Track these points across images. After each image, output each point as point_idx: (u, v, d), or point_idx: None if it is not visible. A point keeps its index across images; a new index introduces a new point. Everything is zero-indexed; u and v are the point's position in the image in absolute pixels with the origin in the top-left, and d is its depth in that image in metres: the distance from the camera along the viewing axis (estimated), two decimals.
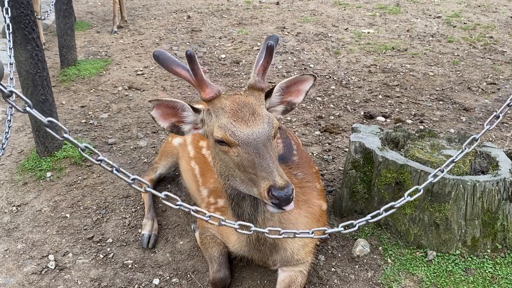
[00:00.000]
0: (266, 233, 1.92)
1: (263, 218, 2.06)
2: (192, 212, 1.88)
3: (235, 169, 1.84)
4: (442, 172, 2.03)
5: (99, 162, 1.68)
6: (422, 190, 2.01)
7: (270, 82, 5.25)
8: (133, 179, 1.77)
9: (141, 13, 8.58)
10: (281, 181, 1.68)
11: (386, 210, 1.97)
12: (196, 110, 1.97)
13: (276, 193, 1.66)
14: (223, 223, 1.89)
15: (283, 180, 1.69)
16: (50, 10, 4.87)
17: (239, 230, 1.91)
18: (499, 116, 1.97)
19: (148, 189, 1.81)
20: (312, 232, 1.96)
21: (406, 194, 1.99)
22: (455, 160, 2.04)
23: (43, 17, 5.29)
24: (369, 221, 1.97)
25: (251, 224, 1.91)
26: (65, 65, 5.44)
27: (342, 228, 1.97)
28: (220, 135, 1.81)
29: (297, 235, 1.96)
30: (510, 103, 1.92)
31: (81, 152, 1.63)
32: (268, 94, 2.01)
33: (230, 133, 1.79)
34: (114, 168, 1.71)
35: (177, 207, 1.83)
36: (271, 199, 1.67)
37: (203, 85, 1.86)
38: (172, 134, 3.20)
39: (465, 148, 2.04)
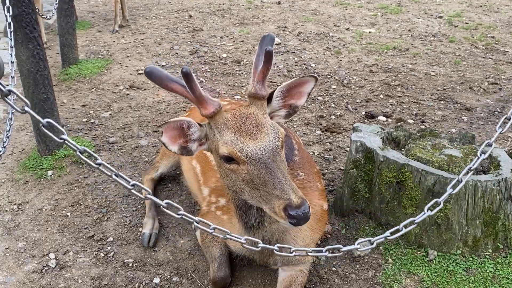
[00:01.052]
0: (276, 250, 1.92)
1: (269, 222, 2.07)
2: (195, 224, 1.84)
3: (244, 186, 1.79)
4: (461, 182, 1.98)
5: (97, 166, 1.64)
6: (442, 203, 1.96)
7: (271, 82, 5.25)
8: (133, 185, 1.74)
9: (143, 13, 8.58)
10: (296, 199, 1.64)
11: (405, 226, 1.92)
12: (201, 125, 1.90)
13: (293, 213, 1.61)
14: (228, 236, 1.87)
15: (298, 198, 1.64)
16: (54, 9, 4.85)
17: (246, 246, 1.90)
18: (510, 118, 1.93)
19: (148, 196, 1.77)
20: (326, 250, 1.94)
21: (426, 208, 1.95)
22: (472, 168, 2.00)
23: (48, 17, 5.26)
24: (388, 237, 1.91)
25: (259, 240, 1.90)
26: (67, 64, 5.45)
27: (359, 246, 1.93)
28: (227, 152, 1.74)
29: (309, 254, 1.95)
30: None
31: (80, 155, 1.61)
32: (268, 100, 1.93)
33: (238, 149, 1.72)
34: (113, 173, 1.67)
35: (179, 216, 1.79)
36: (288, 218, 1.63)
37: (202, 101, 1.78)
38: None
39: (480, 154, 1.98)
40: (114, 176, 1.66)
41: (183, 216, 1.78)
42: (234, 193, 1.92)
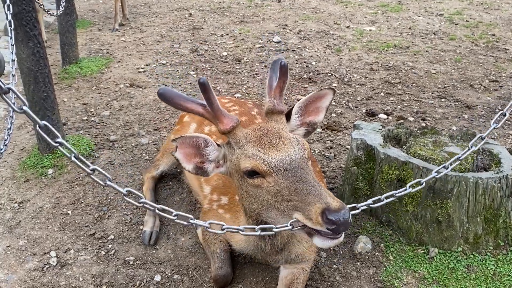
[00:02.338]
0: (272, 234, 1.77)
1: (282, 234, 2.04)
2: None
3: (271, 201, 1.66)
4: (447, 168, 2.01)
5: (91, 172, 1.59)
6: (424, 184, 1.98)
7: None
8: (128, 191, 1.68)
9: (143, 11, 8.57)
10: (335, 202, 1.50)
11: (386, 198, 1.92)
12: (218, 145, 1.83)
13: (333, 217, 1.45)
14: (225, 227, 1.77)
15: (337, 201, 1.50)
16: (62, 7, 4.82)
17: (244, 233, 1.79)
18: (505, 114, 1.95)
19: (142, 200, 1.69)
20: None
21: (408, 185, 1.97)
22: (460, 158, 2.02)
23: (53, 13, 5.14)
24: (370, 205, 1.89)
25: (255, 227, 1.79)
26: (67, 62, 5.45)
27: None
28: (250, 165, 1.65)
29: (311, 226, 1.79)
30: None
31: (75, 160, 1.58)
32: (286, 118, 1.88)
33: (262, 161, 1.64)
34: (107, 179, 1.62)
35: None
36: (326, 224, 1.47)
37: (220, 115, 1.71)
38: (176, 131, 3.20)
39: (471, 146, 2.01)
40: (108, 182, 1.60)
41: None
42: (258, 215, 1.80)
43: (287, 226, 1.63)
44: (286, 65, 1.76)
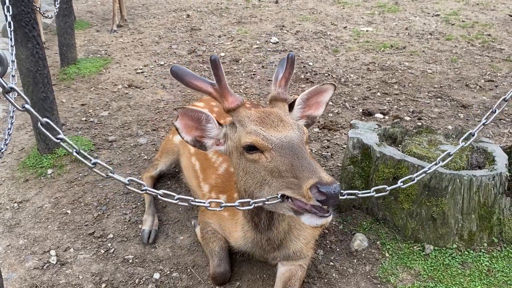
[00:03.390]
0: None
1: (277, 226, 2.11)
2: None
3: (267, 177, 1.73)
4: (437, 164, 2.06)
5: (93, 166, 1.65)
6: (415, 179, 2.04)
7: (269, 80, 5.28)
8: (130, 180, 1.73)
9: (141, 12, 8.60)
10: (327, 177, 1.57)
11: (376, 192, 1.99)
12: (220, 124, 1.90)
13: (324, 189, 1.52)
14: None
15: (329, 177, 1.57)
16: (57, 9, 4.85)
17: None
18: (495, 111, 2.00)
19: (144, 188, 1.76)
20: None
21: (399, 181, 2.03)
22: (451, 154, 2.07)
23: (49, 15, 5.21)
24: (358, 195, 1.97)
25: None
26: (65, 63, 5.47)
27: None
28: (250, 140, 1.73)
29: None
30: (506, 97, 1.96)
31: (76, 155, 1.63)
32: (289, 109, 1.97)
33: (262, 137, 1.72)
34: (109, 171, 1.68)
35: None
36: (315, 195, 1.54)
37: (226, 94, 1.80)
38: (174, 131, 3.24)
39: (461, 142, 2.07)
40: (110, 174, 1.66)
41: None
42: (251, 195, 1.85)
43: (278, 198, 1.70)
44: (294, 57, 1.87)
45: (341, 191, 1.92)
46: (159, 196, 1.78)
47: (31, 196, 3.25)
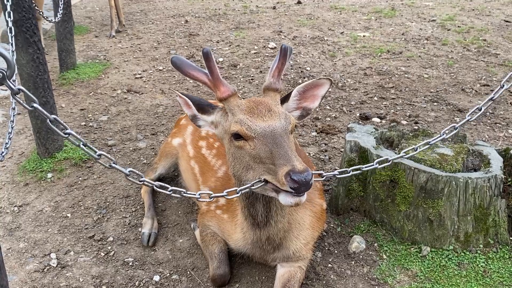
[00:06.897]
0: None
1: (275, 220, 2.14)
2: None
3: (250, 163, 1.84)
4: (416, 150, 2.16)
5: (98, 157, 1.73)
6: (391, 161, 2.14)
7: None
8: (130, 171, 1.80)
9: (139, 18, 8.66)
10: (300, 165, 1.68)
11: (353, 170, 2.10)
12: (212, 108, 2.06)
13: (296, 177, 1.64)
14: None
15: (302, 165, 1.68)
16: (60, 14, 4.87)
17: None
18: (481, 109, 2.13)
19: (142, 179, 1.83)
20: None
21: (375, 162, 2.11)
22: (431, 143, 2.16)
23: (52, 19, 5.19)
24: (336, 176, 2.12)
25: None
26: (64, 68, 5.50)
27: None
28: (236, 129, 1.84)
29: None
30: (493, 97, 2.05)
31: (83, 147, 1.69)
32: (285, 99, 2.06)
33: (246, 127, 1.82)
34: (112, 162, 1.76)
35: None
36: (289, 183, 1.65)
37: (218, 83, 1.93)
38: (173, 134, 3.27)
39: (443, 134, 2.17)
40: (112, 164, 1.74)
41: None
42: (239, 180, 1.96)
43: (261, 181, 1.81)
44: (287, 48, 1.94)
45: (346, 169, 2.11)
46: (155, 188, 1.87)
47: (31, 200, 3.27)
